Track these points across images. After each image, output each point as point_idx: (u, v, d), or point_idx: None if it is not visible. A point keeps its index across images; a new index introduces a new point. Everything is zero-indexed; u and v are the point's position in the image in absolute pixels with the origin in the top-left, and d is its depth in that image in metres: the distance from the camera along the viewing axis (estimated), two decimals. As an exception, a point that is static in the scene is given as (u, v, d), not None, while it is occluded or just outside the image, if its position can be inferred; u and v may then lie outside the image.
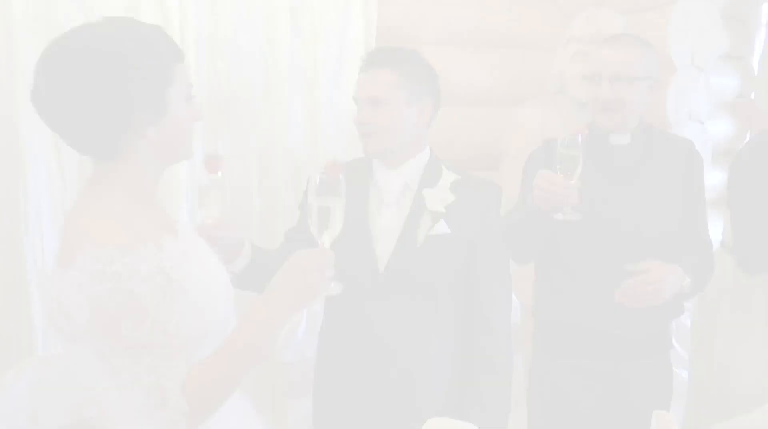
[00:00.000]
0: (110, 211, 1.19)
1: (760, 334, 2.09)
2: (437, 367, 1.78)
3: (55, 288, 1.17)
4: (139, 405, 1.16)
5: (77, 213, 1.22)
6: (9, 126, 2.21)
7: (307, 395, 1.98)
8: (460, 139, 3.15)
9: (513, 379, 1.85)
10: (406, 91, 1.74)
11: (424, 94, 1.78)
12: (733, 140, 3.38)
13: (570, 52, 2.84)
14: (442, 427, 1.25)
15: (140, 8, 2.36)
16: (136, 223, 1.20)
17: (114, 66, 1.17)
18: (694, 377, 2.25)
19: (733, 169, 2.14)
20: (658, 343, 2.06)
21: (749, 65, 3.39)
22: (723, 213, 2.37)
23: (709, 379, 2.16)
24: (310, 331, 2.08)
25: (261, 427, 1.47)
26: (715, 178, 2.94)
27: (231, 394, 1.23)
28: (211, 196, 1.59)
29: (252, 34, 2.61)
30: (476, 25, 3.15)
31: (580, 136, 1.79)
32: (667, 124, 2.99)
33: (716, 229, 2.35)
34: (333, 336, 1.86)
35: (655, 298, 1.82)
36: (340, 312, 1.83)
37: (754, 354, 2.08)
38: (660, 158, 2.00)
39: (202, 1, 2.50)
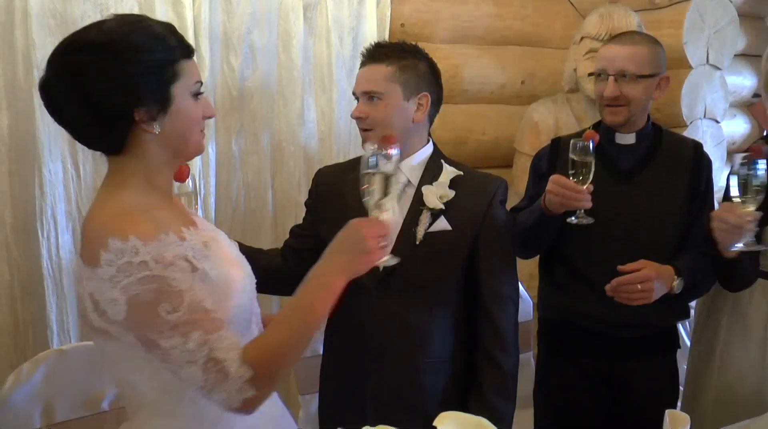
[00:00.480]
0: (127, 205, 1.21)
1: (756, 343, 2.04)
2: (440, 366, 1.77)
3: (85, 287, 1.18)
4: (201, 382, 1.16)
5: (96, 210, 1.24)
6: (26, 121, 2.23)
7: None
8: (474, 137, 3.15)
9: (523, 378, 1.84)
10: (402, 86, 1.73)
11: (422, 88, 1.76)
12: (749, 140, 3.36)
13: (584, 49, 2.83)
14: (453, 419, 1.25)
15: (154, 5, 2.38)
16: (154, 215, 1.22)
17: (117, 61, 1.19)
18: (689, 382, 2.21)
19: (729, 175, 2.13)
20: (665, 344, 2.06)
21: (766, 64, 3.36)
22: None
23: (707, 384, 2.12)
24: (324, 327, 2.08)
25: (287, 415, 1.48)
26: (729, 178, 2.92)
27: (295, 361, 1.24)
28: (190, 202, 1.60)
29: (266, 31, 2.62)
30: (490, 23, 3.15)
31: (592, 142, 1.78)
32: (682, 122, 2.98)
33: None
34: (336, 334, 1.87)
35: (644, 297, 1.83)
36: (342, 310, 1.83)
37: (750, 363, 2.04)
38: (666, 159, 1.99)
39: (217, -2, 2.52)
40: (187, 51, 1.28)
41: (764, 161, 1.63)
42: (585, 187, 1.77)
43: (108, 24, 1.23)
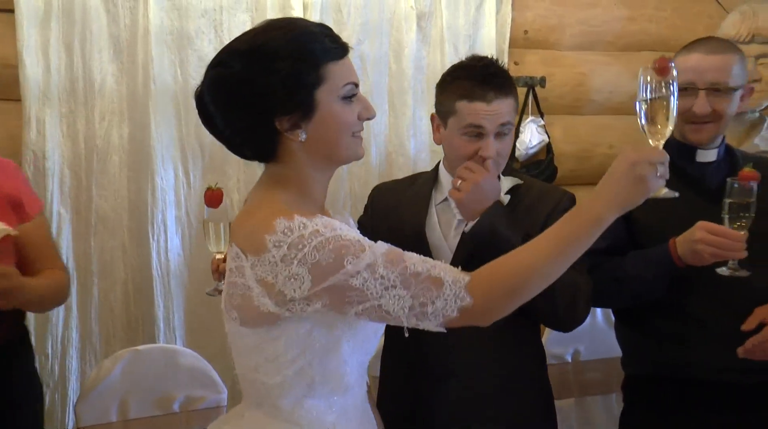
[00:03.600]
0: (283, 204, 1.20)
1: None
2: (521, 383, 1.64)
3: (250, 277, 1.16)
4: (409, 302, 1.12)
5: (252, 209, 1.23)
6: (142, 131, 2.38)
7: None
8: (600, 151, 2.95)
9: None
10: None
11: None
12: None
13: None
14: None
15: (266, 17, 2.44)
16: (307, 213, 1.20)
17: (252, 70, 1.17)
18: None
19: None
20: None
21: None
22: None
23: None
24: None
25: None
26: None
27: (534, 291, 1.15)
28: (218, 230, 1.58)
29: (377, 41, 2.62)
30: (622, 28, 2.93)
31: (755, 183, 1.57)
32: None
33: None
34: (398, 354, 1.75)
35: None
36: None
37: None
38: None
39: (326, 6, 2.54)
40: (336, 53, 1.21)
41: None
42: (742, 234, 1.56)
43: (254, 31, 1.21)
